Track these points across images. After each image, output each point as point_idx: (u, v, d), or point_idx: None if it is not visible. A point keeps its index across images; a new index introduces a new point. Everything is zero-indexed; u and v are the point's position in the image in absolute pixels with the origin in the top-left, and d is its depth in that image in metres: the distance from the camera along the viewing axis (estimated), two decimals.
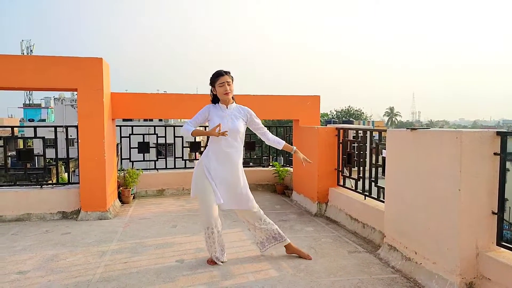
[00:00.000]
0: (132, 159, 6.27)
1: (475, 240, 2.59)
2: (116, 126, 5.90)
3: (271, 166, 7.00)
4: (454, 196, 2.59)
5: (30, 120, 39.10)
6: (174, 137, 6.52)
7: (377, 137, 4.33)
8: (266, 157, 7.66)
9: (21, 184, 5.33)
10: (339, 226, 4.45)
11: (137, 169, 5.99)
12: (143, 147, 6.23)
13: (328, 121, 39.07)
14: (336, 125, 5.50)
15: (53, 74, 4.67)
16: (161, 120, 24.17)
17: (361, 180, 4.42)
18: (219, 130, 2.98)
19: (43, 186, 5.12)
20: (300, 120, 6.05)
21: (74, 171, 16.60)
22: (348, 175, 4.84)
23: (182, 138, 6.50)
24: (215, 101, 3.21)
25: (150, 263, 3.27)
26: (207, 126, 3.40)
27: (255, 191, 6.43)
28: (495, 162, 2.58)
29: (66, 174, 7.62)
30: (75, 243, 3.84)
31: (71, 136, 5.69)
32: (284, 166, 6.99)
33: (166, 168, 6.58)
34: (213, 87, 3.16)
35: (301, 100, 6.12)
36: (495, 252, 2.56)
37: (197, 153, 6.82)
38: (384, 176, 3.54)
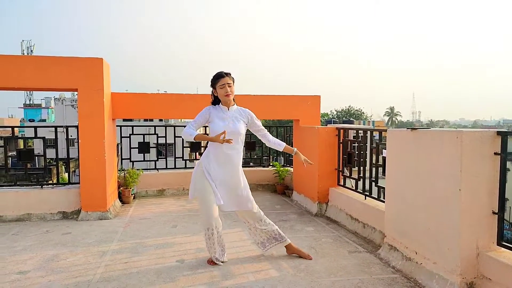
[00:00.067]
0: (133, 159, 6.28)
1: (476, 240, 2.59)
2: (117, 126, 5.90)
3: (272, 166, 7.00)
4: (455, 196, 2.59)
5: (31, 120, 39.12)
6: (175, 137, 6.52)
7: (378, 137, 4.33)
8: (267, 157, 7.66)
9: (22, 184, 5.34)
10: (340, 226, 4.45)
11: (138, 169, 5.99)
12: (144, 147, 6.24)
13: (329, 121, 39.09)
14: (337, 125, 5.51)
15: (54, 74, 4.67)
16: (162, 120, 24.16)
17: (362, 180, 4.42)
18: (224, 137, 2.95)
19: (44, 186, 5.12)
20: (301, 120, 6.06)
21: (75, 171, 16.61)
22: (349, 175, 4.84)
23: (182, 138, 6.51)
24: (216, 103, 3.20)
25: (151, 263, 3.27)
26: (207, 126, 3.39)
27: (256, 191, 6.43)
28: (496, 162, 2.58)
29: (67, 174, 7.63)
30: (76, 243, 3.84)
31: (72, 136, 5.70)
32: (285, 166, 6.99)
33: (167, 168, 6.58)
34: (214, 89, 3.14)
35: (302, 100, 6.12)
36: (496, 252, 2.56)
37: (197, 153, 6.82)
38: (385, 176, 3.54)
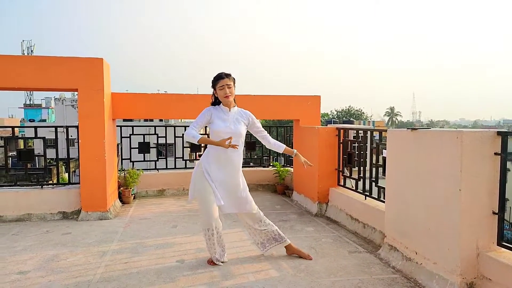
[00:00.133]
0: (133, 159, 6.28)
1: (476, 240, 2.59)
2: (117, 126, 5.90)
3: (272, 166, 7.00)
4: (455, 196, 2.59)
5: (31, 120, 39.13)
6: (175, 137, 6.53)
7: (378, 137, 4.33)
8: (267, 157, 7.66)
9: (22, 184, 5.34)
10: (340, 226, 4.45)
11: (138, 169, 6.00)
12: (144, 147, 6.24)
13: (329, 121, 39.09)
14: (337, 125, 5.51)
15: (54, 74, 4.67)
16: (162, 120, 24.18)
17: (362, 180, 4.41)
18: (230, 143, 2.93)
19: (44, 186, 5.12)
20: (301, 120, 6.05)
21: (75, 171, 16.62)
22: (349, 175, 4.84)
23: (183, 138, 6.52)
24: (216, 103, 3.19)
25: (151, 263, 3.27)
26: (206, 127, 3.39)
27: (256, 191, 6.44)
28: (496, 162, 2.58)
29: (67, 174, 7.63)
30: (76, 243, 3.84)
31: (72, 136, 5.71)
32: (285, 166, 6.99)
33: (167, 168, 6.58)
34: (215, 90, 3.15)
35: (302, 100, 6.12)
36: (496, 252, 2.56)
37: (197, 153, 6.83)
38: (385, 176, 3.54)
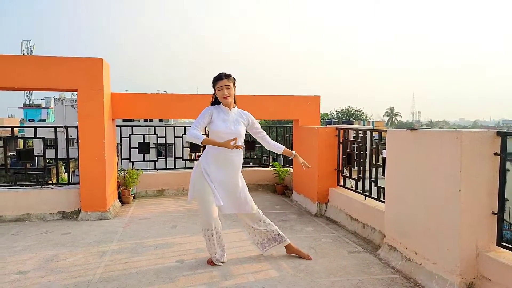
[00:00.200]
0: (132, 159, 6.28)
1: (475, 240, 2.59)
2: (116, 126, 5.90)
3: (271, 166, 7.00)
4: (454, 196, 2.59)
5: (30, 120, 39.10)
6: (174, 137, 6.52)
7: (377, 137, 4.34)
8: (266, 157, 7.67)
9: (21, 184, 5.33)
10: (339, 226, 4.45)
11: (137, 169, 5.99)
12: (143, 147, 6.24)
13: (328, 121, 39.09)
14: (336, 125, 5.51)
15: (54, 74, 4.67)
16: (161, 120, 24.18)
17: (361, 180, 4.42)
18: (235, 143, 2.92)
19: (43, 186, 5.12)
20: (300, 120, 6.06)
21: (74, 171, 16.60)
22: (348, 175, 4.84)
23: (182, 139, 6.52)
24: (216, 103, 3.19)
25: (150, 264, 3.27)
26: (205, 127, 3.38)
27: (255, 191, 6.44)
28: (495, 162, 2.58)
29: (66, 174, 7.62)
30: (75, 243, 3.84)
31: (71, 136, 5.69)
32: (284, 166, 6.99)
33: (166, 168, 6.58)
34: (215, 90, 3.16)
35: (301, 100, 6.12)
36: (495, 252, 2.56)
37: (197, 154, 6.82)
38: (384, 176, 3.54)
